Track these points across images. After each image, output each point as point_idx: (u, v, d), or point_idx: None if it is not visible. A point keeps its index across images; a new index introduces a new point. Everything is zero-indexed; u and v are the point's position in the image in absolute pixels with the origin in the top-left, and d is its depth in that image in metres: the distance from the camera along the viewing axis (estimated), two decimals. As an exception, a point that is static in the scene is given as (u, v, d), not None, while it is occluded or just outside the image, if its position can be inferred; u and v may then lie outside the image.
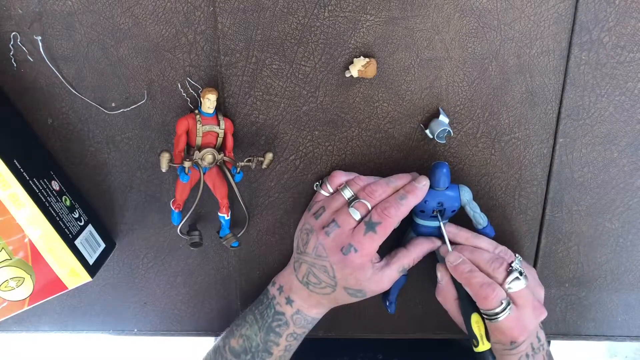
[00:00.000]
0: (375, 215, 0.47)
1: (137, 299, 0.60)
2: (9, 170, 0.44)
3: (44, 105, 0.51)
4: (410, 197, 0.47)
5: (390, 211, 0.47)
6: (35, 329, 0.61)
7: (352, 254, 0.46)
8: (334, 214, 0.48)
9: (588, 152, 0.53)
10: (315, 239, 0.48)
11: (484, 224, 0.52)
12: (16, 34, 0.48)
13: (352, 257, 0.46)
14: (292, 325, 0.51)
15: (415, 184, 0.48)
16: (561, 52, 0.49)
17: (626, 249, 0.57)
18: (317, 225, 0.49)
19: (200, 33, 0.49)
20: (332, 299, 0.50)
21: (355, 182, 0.50)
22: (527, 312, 0.47)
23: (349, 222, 0.47)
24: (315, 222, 0.49)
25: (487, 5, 0.48)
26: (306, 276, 0.49)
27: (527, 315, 0.47)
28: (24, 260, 0.47)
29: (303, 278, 0.50)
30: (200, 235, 0.54)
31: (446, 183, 0.49)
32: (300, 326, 0.52)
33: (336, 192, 0.50)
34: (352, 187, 0.49)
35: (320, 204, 0.51)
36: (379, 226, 0.46)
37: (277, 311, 0.51)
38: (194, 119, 0.48)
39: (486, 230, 0.53)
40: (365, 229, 0.46)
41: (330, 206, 0.49)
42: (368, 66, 0.48)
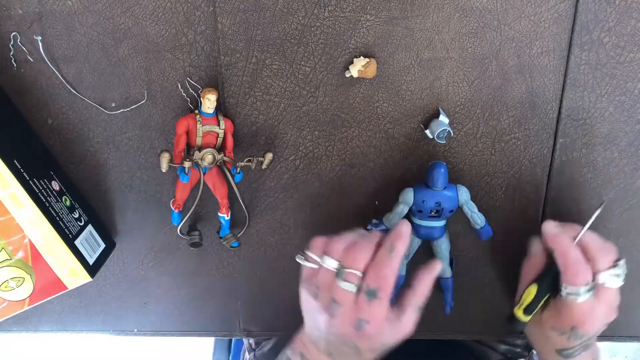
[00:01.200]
0: (372, 283, 0.44)
1: (137, 299, 0.60)
2: (9, 170, 0.44)
3: (44, 105, 0.51)
4: (398, 246, 0.45)
5: (384, 272, 0.44)
6: (35, 329, 0.61)
7: (366, 327, 0.44)
8: (329, 292, 0.45)
9: (588, 152, 0.53)
10: (324, 320, 0.45)
11: (482, 224, 0.52)
12: (16, 34, 0.48)
13: (368, 330, 0.44)
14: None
15: (397, 229, 0.46)
16: (561, 52, 0.49)
17: (626, 249, 0.57)
18: (319, 307, 0.46)
19: (200, 33, 0.49)
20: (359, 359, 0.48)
21: (334, 248, 0.46)
22: (602, 309, 0.47)
23: (347, 296, 0.44)
24: (317, 304, 0.46)
25: (487, 5, 0.48)
26: (328, 349, 0.47)
27: (601, 311, 0.47)
28: (24, 260, 0.47)
29: (325, 351, 0.47)
30: (200, 235, 0.54)
31: (444, 183, 0.49)
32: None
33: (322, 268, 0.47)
34: (333, 255, 0.46)
35: (312, 282, 0.47)
36: (380, 292, 0.44)
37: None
38: (194, 119, 0.48)
39: (484, 230, 0.53)
40: (367, 299, 0.44)
41: (321, 285, 0.46)
42: (368, 66, 0.48)
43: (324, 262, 0.46)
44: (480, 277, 0.59)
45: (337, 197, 0.55)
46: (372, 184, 0.54)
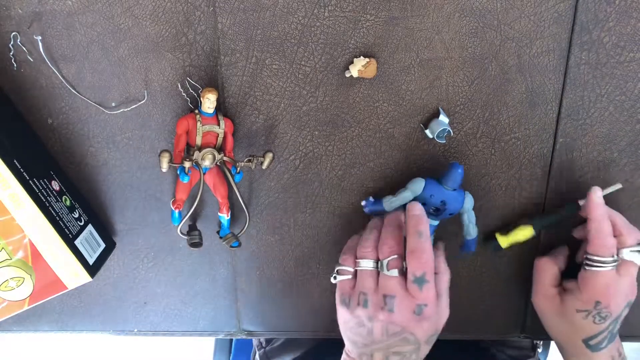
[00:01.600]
0: (416, 269, 0.45)
1: (137, 299, 0.60)
2: (9, 170, 0.44)
3: (44, 105, 0.51)
4: (424, 230, 0.46)
5: (425, 257, 0.45)
6: (35, 329, 0.61)
7: (426, 310, 0.45)
8: (378, 291, 0.46)
9: (588, 152, 0.53)
10: (381, 322, 0.46)
11: (474, 236, 0.52)
12: (16, 34, 0.48)
13: (427, 312, 0.45)
14: None
15: (413, 214, 0.47)
16: (561, 52, 0.49)
17: (626, 249, 0.57)
18: (371, 312, 0.46)
19: (200, 33, 0.49)
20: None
21: (364, 248, 0.48)
22: (625, 282, 0.48)
23: (397, 285, 0.46)
24: (368, 310, 0.47)
25: (487, 5, 0.48)
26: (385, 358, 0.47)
27: (623, 285, 0.48)
28: (24, 260, 0.47)
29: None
30: (200, 235, 0.54)
31: (456, 185, 0.49)
32: None
33: (358, 272, 0.48)
34: (367, 256, 0.48)
35: (356, 292, 0.48)
36: (427, 275, 0.45)
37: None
38: (194, 119, 0.48)
39: (472, 242, 0.53)
40: (418, 286, 0.45)
41: (367, 287, 0.47)
42: (368, 66, 0.48)
43: (360, 267, 0.48)
44: (479, 277, 0.59)
45: (337, 197, 0.55)
46: (372, 184, 0.54)
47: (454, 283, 0.57)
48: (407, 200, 0.50)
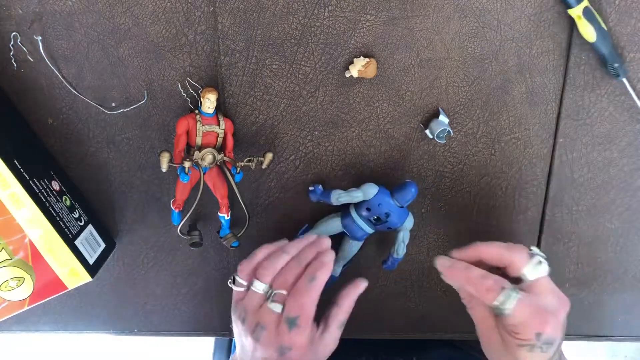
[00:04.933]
0: (291, 310, 0.44)
1: (137, 299, 0.60)
2: (9, 170, 0.44)
3: (44, 105, 0.51)
4: (319, 275, 0.45)
5: (303, 301, 0.44)
6: (35, 329, 0.61)
7: (290, 353, 0.45)
8: (256, 316, 0.46)
9: (588, 152, 0.53)
10: (250, 343, 0.46)
11: (400, 257, 0.53)
12: (16, 34, 0.48)
13: (291, 356, 0.45)
14: None
15: (322, 259, 0.46)
16: (561, 52, 0.49)
17: (626, 249, 0.57)
18: (246, 330, 0.46)
19: (200, 33, 0.49)
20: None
21: (264, 269, 0.46)
22: (549, 300, 0.44)
23: (272, 319, 0.45)
24: (244, 327, 0.46)
25: (487, 5, 0.48)
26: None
27: (549, 303, 0.44)
28: (24, 260, 0.47)
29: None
30: (200, 235, 0.54)
31: (405, 203, 0.50)
32: None
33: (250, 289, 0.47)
34: (262, 279, 0.46)
35: (240, 306, 0.47)
36: (299, 319, 0.44)
37: None
38: (194, 119, 0.48)
39: (396, 262, 0.53)
40: (288, 326, 0.44)
41: (248, 308, 0.46)
42: (368, 66, 0.48)
43: (253, 286, 0.46)
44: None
45: (337, 197, 0.55)
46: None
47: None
48: (355, 200, 0.50)
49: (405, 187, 0.49)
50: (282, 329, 0.44)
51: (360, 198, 0.50)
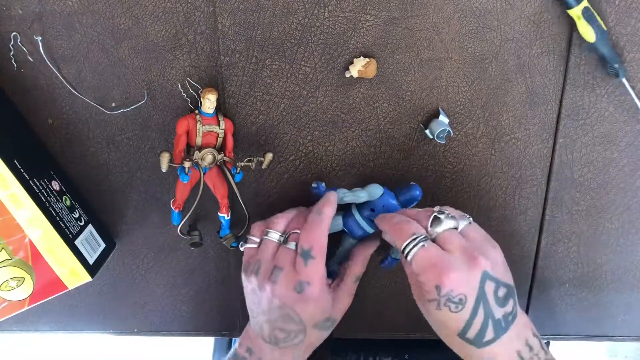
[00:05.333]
0: (304, 244, 0.45)
1: (137, 299, 0.60)
2: (9, 170, 0.44)
3: (44, 105, 0.51)
4: (325, 210, 0.47)
5: (315, 233, 0.46)
6: (35, 329, 0.61)
7: (307, 289, 0.45)
8: (272, 261, 0.47)
9: (588, 152, 0.53)
10: (266, 293, 0.46)
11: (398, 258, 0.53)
12: (16, 34, 0.48)
13: (309, 292, 0.45)
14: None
15: (326, 197, 0.48)
16: (561, 52, 0.49)
17: (626, 249, 0.57)
18: (261, 279, 0.46)
19: (200, 33, 0.49)
20: (306, 345, 0.47)
21: (276, 221, 0.48)
22: (455, 257, 0.42)
23: (289, 258, 0.46)
24: (258, 278, 0.47)
25: (487, 5, 0.48)
26: (272, 335, 0.47)
27: (455, 260, 0.41)
28: (24, 260, 0.47)
29: (270, 338, 0.47)
30: (200, 235, 0.54)
31: (410, 205, 0.50)
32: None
33: (263, 241, 0.48)
34: (275, 227, 0.48)
35: (254, 259, 0.48)
36: (313, 250, 0.45)
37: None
38: (194, 119, 0.48)
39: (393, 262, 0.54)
40: (303, 260, 0.45)
41: (264, 256, 0.47)
42: (368, 66, 0.48)
43: (266, 236, 0.48)
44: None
45: (337, 197, 0.55)
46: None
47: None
48: (360, 200, 0.50)
49: (409, 189, 0.49)
50: (299, 264, 0.45)
51: (365, 198, 0.50)
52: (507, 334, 0.42)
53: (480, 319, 0.41)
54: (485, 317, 0.41)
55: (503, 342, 0.42)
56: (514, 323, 0.43)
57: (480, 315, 0.41)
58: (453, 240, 0.43)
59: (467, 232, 0.44)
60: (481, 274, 0.41)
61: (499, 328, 0.42)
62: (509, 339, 0.42)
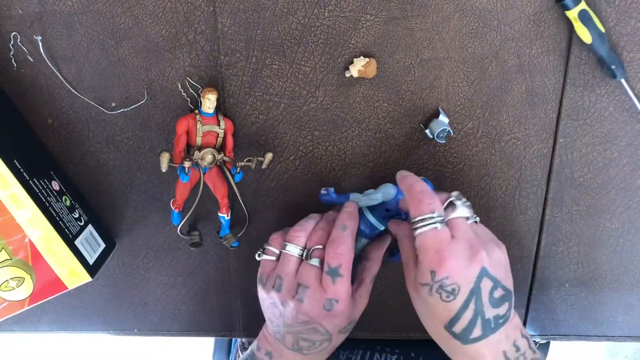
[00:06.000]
0: (332, 261, 0.44)
1: (137, 299, 0.60)
2: (9, 170, 0.44)
3: (44, 105, 0.51)
4: (349, 224, 0.46)
5: (341, 249, 0.45)
6: (35, 329, 0.61)
7: (336, 306, 0.45)
8: (295, 278, 0.46)
9: (588, 152, 0.53)
10: (291, 309, 0.45)
11: None
12: (16, 34, 0.48)
13: (338, 308, 0.45)
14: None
15: (347, 210, 0.47)
16: (561, 52, 0.49)
17: (626, 249, 0.57)
18: (283, 296, 0.46)
19: (200, 33, 0.49)
20: (330, 349, 0.48)
21: (295, 235, 0.47)
22: (460, 246, 0.41)
23: (314, 276, 0.45)
24: (280, 294, 0.46)
25: (487, 5, 0.48)
26: (296, 343, 0.47)
27: (459, 249, 0.41)
28: (24, 260, 0.47)
29: (293, 346, 0.47)
30: (200, 235, 0.54)
31: None
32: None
33: (282, 255, 0.47)
34: (296, 241, 0.47)
35: (274, 274, 0.47)
36: (341, 268, 0.45)
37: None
38: (194, 119, 0.48)
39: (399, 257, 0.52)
40: (331, 278, 0.44)
41: (285, 272, 0.46)
42: (368, 66, 0.48)
43: (286, 250, 0.47)
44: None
45: (337, 197, 0.55)
46: (372, 184, 0.54)
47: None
48: (375, 203, 0.49)
49: None
50: (326, 282, 0.45)
51: (380, 199, 0.49)
52: (496, 334, 0.42)
53: (470, 314, 0.41)
54: (475, 313, 0.41)
55: (490, 342, 0.42)
56: (504, 325, 0.42)
57: (470, 310, 0.41)
58: (461, 228, 0.43)
59: (476, 227, 0.45)
60: (480, 269, 0.41)
61: (488, 328, 0.41)
62: (496, 339, 0.42)
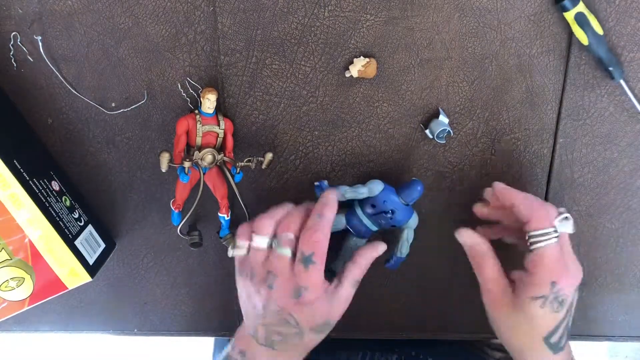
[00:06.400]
0: (305, 248, 0.44)
1: (137, 299, 0.60)
2: (9, 170, 0.44)
3: (44, 105, 0.51)
4: (326, 212, 0.45)
5: (317, 236, 0.44)
6: (35, 329, 0.61)
7: (305, 294, 0.44)
8: (264, 266, 0.45)
9: (588, 152, 0.53)
10: (261, 297, 0.45)
11: (404, 256, 0.52)
12: (16, 34, 0.48)
13: (307, 297, 0.44)
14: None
15: (324, 199, 0.46)
16: (561, 52, 0.49)
17: (626, 249, 0.57)
18: (256, 284, 0.45)
19: (200, 33, 0.49)
20: (302, 347, 0.47)
21: (262, 225, 0.46)
22: (569, 258, 0.45)
23: (284, 265, 0.44)
24: (253, 283, 0.46)
25: (487, 5, 0.48)
26: (268, 338, 0.45)
27: (569, 261, 0.45)
28: (24, 260, 0.47)
29: (266, 341, 0.46)
30: (200, 235, 0.54)
31: (411, 200, 0.49)
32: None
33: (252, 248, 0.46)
34: (261, 232, 0.46)
35: (245, 265, 0.47)
36: (315, 256, 0.44)
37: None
38: (194, 119, 0.48)
39: (398, 261, 0.53)
40: (303, 265, 0.44)
41: (255, 264, 0.46)
42: (368, 66, 0.48)
43: (253, 242, 0.46)
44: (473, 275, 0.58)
45: (337, 197, 0.55)
46: (372, 184, 0.54)
47: (449, 282, 0.58)
48: (361, 196, 0.49)
49: (411, 185, 0.49)
50: (298, 269, 0.44)
51: (366, 194, 0.49)
52: (567, 343, 0.47)
53: (565, 324, 0.45)
54: (567, 323, 0.45)
55: (566, 351, 0.46)
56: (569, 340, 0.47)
57: (566, 321, 0.45)
58: (567, 243, 0.46)
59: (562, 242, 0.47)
60: (578, 282, 0.45)
61: (568, 335, 0.46)
62: (567, 349, 0.47)
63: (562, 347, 0.46)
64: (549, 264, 0.44)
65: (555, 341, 0.45)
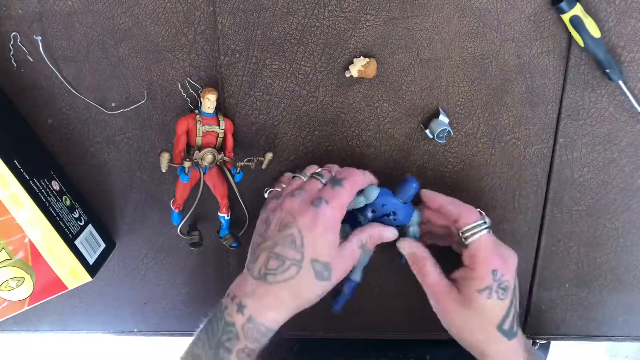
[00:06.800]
0: (339, 175, 0.47)
1: (137, 299, 0.60)
2: (9, 170, 0.44)
3: (44, 105, 0.51)
4: (367, 172, 0.48)
5: (353, 172, 0.47)
6: (35, 329, 0.61)
7: (324, 206, 0.44)
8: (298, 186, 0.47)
9: (588, 152, 0.53)
10: (280, 210, 0.45)
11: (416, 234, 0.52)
12: (16, 34, 0.48)
13: (324, 209, 0.44)
14: (243, 339, 0.45)
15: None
16: (561, 53, 0.49)
17: (626, 249, 0.57)
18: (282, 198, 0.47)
19: (200, 33, 0.49)
20: (294, 286, 0.44)
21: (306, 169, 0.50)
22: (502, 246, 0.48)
23: (315, 186, 0.46)
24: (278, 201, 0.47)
25: (487, 5, 0.48)
26: (265, 265, 0.44)
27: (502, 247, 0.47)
28: (24, 260, 0.47)
29: (260, 271, 0.44)
30: (200, 235, 0.54)
31: (408, 198, 0.49)
32: (253, 339, 0.45)
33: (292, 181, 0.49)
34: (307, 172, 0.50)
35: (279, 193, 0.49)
36: (345, 181, 0.46)
37: (227, 322, 0.46)
38: (194, 119, 0.48)
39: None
40: (332, 184, 0.46)
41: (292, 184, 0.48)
42: (368, 66, 0.48)
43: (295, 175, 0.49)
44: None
45: (337, 197, 0.55)
46: (372, 184, 0.54)
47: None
48: (359, 205, 0.49)
49: (405, 183, 0.49)
50: (326, 187, 0.46)
51: (364, 202, 0.49)
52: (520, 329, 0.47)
53: (513, 309, 0.46)
54: (515, 307, 0.47)
55: (520, 335, 0.47)
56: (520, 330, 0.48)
57: (513, 305, 0.46)
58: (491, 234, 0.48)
59: None
60: (515, 265, 0.47)
61: (518, 321, 0.47)
62: (521, 334, 0.47)
63: (515, 333, 0.47)
64: (487, 254, 0.46)
65: (508, 327, 0.46)
